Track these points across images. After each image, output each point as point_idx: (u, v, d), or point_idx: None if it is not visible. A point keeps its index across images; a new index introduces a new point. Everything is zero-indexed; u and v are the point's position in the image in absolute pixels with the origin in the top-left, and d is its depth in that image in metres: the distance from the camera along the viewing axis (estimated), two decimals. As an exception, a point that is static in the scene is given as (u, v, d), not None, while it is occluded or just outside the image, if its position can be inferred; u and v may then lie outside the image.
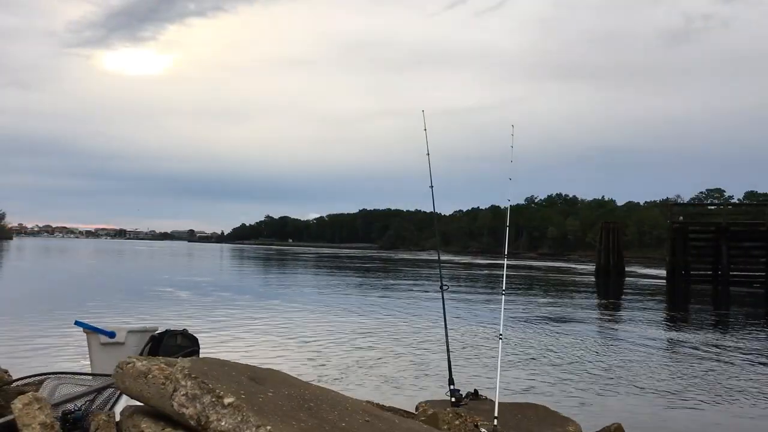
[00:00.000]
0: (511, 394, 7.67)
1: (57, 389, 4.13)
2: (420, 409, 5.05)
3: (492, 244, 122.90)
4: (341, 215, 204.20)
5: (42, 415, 3.41)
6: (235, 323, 13.93)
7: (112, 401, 4.00)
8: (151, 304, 17.14)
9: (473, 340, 12.43)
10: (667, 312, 20.81)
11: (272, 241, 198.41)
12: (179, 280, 29.04)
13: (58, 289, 22.10)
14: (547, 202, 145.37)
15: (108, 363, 4.42)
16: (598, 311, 19.90)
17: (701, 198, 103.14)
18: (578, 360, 10.78)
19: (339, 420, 3.04)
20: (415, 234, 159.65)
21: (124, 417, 3.33)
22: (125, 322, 12.48)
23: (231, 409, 2.81)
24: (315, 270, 43.40)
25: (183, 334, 5.10)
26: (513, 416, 4.88)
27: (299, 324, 14.15)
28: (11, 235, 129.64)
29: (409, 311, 17.45)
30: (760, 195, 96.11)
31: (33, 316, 13.82)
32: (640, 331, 14.74)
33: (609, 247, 40.29)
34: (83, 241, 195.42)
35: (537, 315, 17.42)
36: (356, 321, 15.04)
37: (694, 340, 13.56)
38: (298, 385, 3.51)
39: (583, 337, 13.40)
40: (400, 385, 8.54)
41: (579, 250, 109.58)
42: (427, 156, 6.25)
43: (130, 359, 3.35)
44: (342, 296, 21.93)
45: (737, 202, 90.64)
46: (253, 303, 18.58)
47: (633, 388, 8.76)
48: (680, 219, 35.14)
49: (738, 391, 8.70)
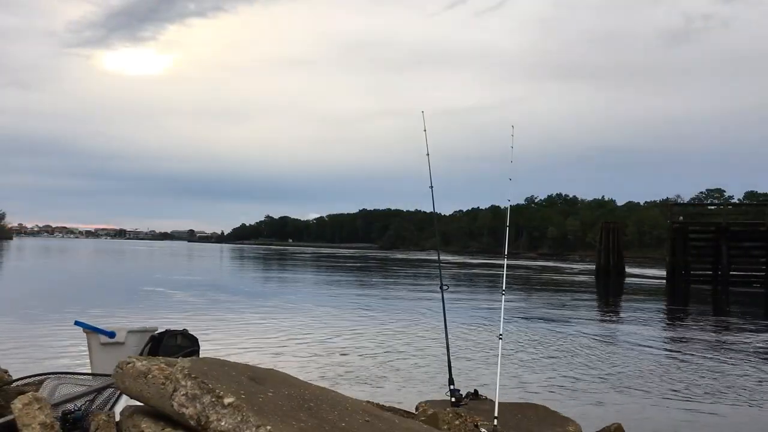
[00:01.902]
0: (511, 394, 7.67)
1: (57, 389, 4.13)
2: (420, 409, 5.04)
3: (492, 244, 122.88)
4: (341, 215, 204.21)
5: (42, 415, 3.40)
6: (235, 323, 13.93)
7: (112, 401, 4.00)
8: (150, 304, 17.14)
9: (473, 340, 12.43)
10: (667, 312, 20.81)
11: (272, 241, 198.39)
12: (179, 280, 29.04)
13: (57, 289, 22.10)
14: (547, 202, 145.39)
15: (108, 363, 4.42)
16: (598, 311, 19.90)
17: (701, 198, 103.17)
18: (578, 360, 10.77)
19: (339, 420, 3.04)
20: (415, 234, 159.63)
21: (124, 417, 3.33)
22: (125, 322, 12.47)
23: (231, 409, 2.81)
24: (315, 270, 43.40)
25: (183, 334, 5.10)
26: (513, 416, 4.88)
27: (299, 324, 14.14)
28: (11, 235, 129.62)
29: (409, 311, 17.45)
30: (760, 195, 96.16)
31: (33, 316, 13.82)
32: (640, 331, 14.74)
33: (609, 247, 40.28)
34: (83, 241, 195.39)
35: (537, 315, 17.42)
36: (356, 321, 15.04)
37: (694, 340, 13.56)
38: (298, 385, 3.51)
39: (583, 337, 13.40)
40: (400, 385, 8.54)
41: (579, 250, 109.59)
42: (426, 157, 6.25)
43: (130, 359, 3.35)
44: (341, 296, 21.93)
45: (737, 202, 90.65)
46: (252, 303, 18.58)
47: (633, 388, 8.76)
48: (680, 219, 35.13)
49: (738, 391, 8.70)
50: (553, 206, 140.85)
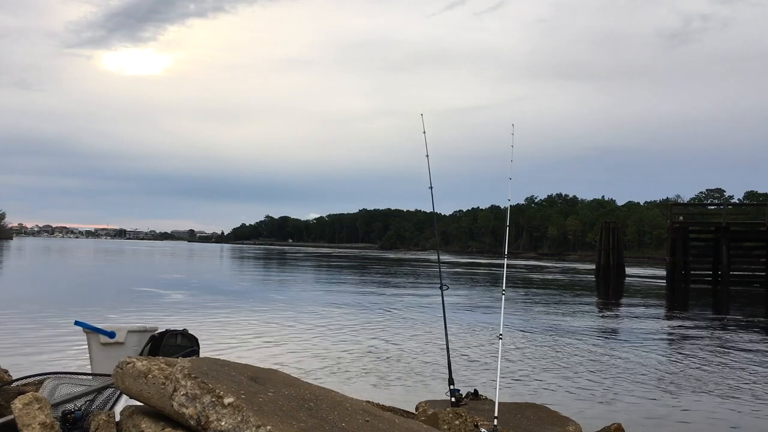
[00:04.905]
0: (511, 394, 7.67)
1: (57, 389, 4.13)
2: (420, 409, 5.05)
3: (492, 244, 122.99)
4: (341, 215, 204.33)
5: (42, 414, 3.41)
6: (235, 323, 13.93)
7: (112, 401, 4.00)
8: (150, 304, 17.13)
9: (473, 340, 12.43)
10: (667, 312, 20.80)
11: (272, 241, 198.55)
12: (179, 280, 29.04)
13: (57, 289, 22.10)
14: (547, 202, 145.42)
15: (108, 363, 4.42)
16: (597, 311, 19.89)
17: (701, 198, 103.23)
18: (578, 360, 10.77)
19: (339, 420, 3.04)
20: (415, 234, 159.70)
21: (124, 417, 3.33)
22: (125, 322, 12.47)
23: (231, 408, 2.81)
24: (314, 270, 43.40)
25: (183, 334, 5.10)
26: (513, 416, 4.88)
27: (299, 324, 14.14)
28: (11, 235, 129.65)
29: (409, 311, 17.45)
30: (760, 195, 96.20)
31: (33, 316, 13.81)
32: (640, 331, 14.74)
33: (609, 247, 40.27)
34: (83, 241, 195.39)
35: (537, 315, 17.42)
36: (356, 321, 15.03)
37: (694, 340, 13.56)
38: (298, 385, 3.51)
39: (582, 337, 13.40)
40: (400, 385, 8.53)
41: (579, 250, 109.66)
42: (426, 158, 6.25)
43: (130, 359, 3.35)
44: (341, 296, 21.92)
45: (737, 202, 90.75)
46: (253, 303, 18.57)
47: (633, 388, 8.76)
48: (680, 219, 35.10)
49: (739, 391, 8.70)
50: (553, 206, 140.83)
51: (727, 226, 33.13)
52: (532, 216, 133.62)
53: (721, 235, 32.57)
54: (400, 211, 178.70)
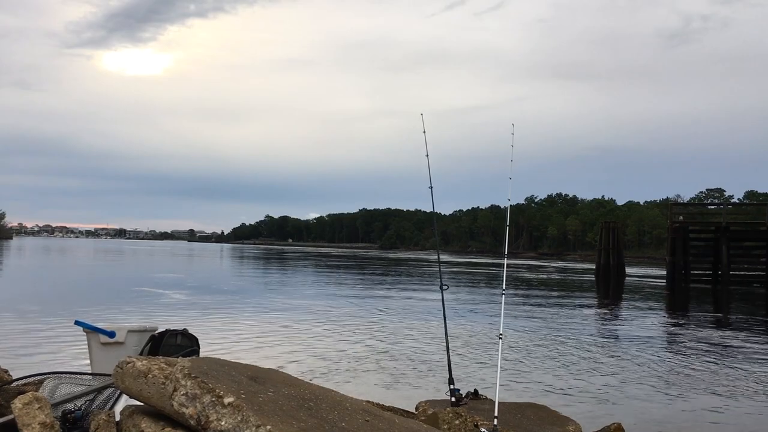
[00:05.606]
0: (511, 394, 7.67)
1: (57, 389, 4.13)
2: (420, 408, 5.04)
3: (492, 244, 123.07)
4: (341, 215, 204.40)
5: (42, 414, 3.41)
6: (235, 323, 13.93)
7: (112, 401, 4.00)
8: (150, 304, 17.13)
9: (473, 340, 12.43)
10: (667, 312, 20.80)
11: (272, 240, 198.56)
12: (179, 279, 29.04)
13: (57, 289, 22.10)
14: (547, 202, 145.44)
15: (108, 363, 4.42)
16: (597, 311, 19.89)
17: (701, 198, 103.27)
18: (578, 360, 10.77)
19: (339, 420, 3.04)
20: (415, 234, 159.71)
21: (124, 417, 3.33)
22: (125, 321, 12.47)
23: (231, 408, 2.81)
24: (314, 270, 43.39)
25: (183, 334, 5.10)
26: (513, 416, 4.88)
27: (299, 324, 14.14)
28: (11, 235, 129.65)
29: (409, 311, 17.45)
30: (760, 195, 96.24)
31: (33, 315, 13.81)
32: (640, 331, 14.74)
33: (609, 247, 40.27)
34: (83, 240, 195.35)
35: (537, 314, 17.42)
36: (356, 321, 15.03)
37: (694, 340, 13.56)
38: (298, 384, 3.51)
39: (582, 337, 13.40)
40: (400, 385, 8.53)
41: (579, 250, 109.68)
42: (426, 158, 6.25)
43: (130, 359, 3.35)
44: (341, 296, 21.92)
45: (737, 202, 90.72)
46: (253, 303, 18.57)
47: (633, 387, 8.76)
48: (680, 219, 35.10)
49: (739, 391, 8.70)
50: (553, 206, 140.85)
51: (727, 226, 33.12)
52: (532, 216, 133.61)
53: (721, 234, 32.56)
54: (400, 211, 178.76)
